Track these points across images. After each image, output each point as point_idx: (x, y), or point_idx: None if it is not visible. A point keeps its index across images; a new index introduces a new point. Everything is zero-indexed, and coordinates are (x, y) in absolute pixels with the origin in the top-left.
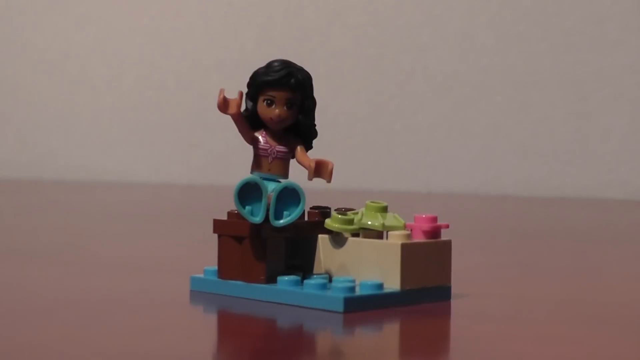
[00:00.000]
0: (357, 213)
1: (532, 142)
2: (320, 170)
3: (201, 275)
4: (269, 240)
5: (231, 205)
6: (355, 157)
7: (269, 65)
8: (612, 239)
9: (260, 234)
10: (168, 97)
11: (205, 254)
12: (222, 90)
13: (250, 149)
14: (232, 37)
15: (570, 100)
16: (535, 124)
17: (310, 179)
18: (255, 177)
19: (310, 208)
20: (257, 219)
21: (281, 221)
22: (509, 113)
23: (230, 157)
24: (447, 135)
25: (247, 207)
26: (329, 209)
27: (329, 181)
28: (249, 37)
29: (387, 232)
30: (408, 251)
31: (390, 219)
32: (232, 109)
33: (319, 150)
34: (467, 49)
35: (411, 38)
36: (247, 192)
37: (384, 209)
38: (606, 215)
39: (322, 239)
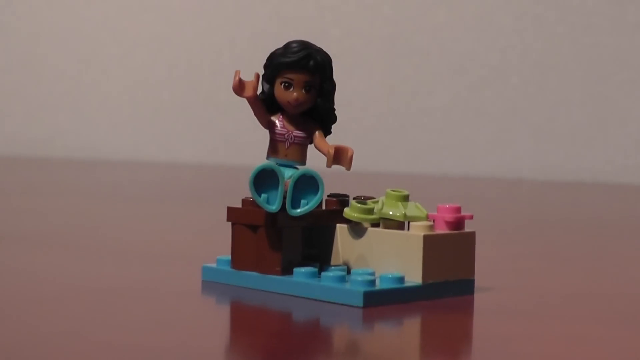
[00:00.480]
0: (377, 202)
1: (549, 125)
2: (339, 156)
3: (213, 265)
4: (285, 229)
5: (243, 187)
6: (369, 139)
7: (287, 46)
8: (631, 226)
9: (276, 223)
10: (179, 75)
11: (217, 240)
12: (237, 72)
13: (262, 129)
14: (244, 14)
15: (589, 83)
16: (553, 106)
17: (329, 165)
18: (271, 163)
19: (328, 196)
20: (274, 207)
21: (298, 210)
22: (526, 95)
23: (242, 137)
24: (462, 117)
25: (263, 195)
26: (348, 197)
27: (348, 168)
28: (262, 15)
29: (408, 222)
30: (430, 243)
31: (412, 209)
32: (249, 91)
33: (332, 131)
34: (484, 29)
35: (427, 18)
36: (263, 179)
37: (405, 198)
38: (624, 201)
39: (341, 229)
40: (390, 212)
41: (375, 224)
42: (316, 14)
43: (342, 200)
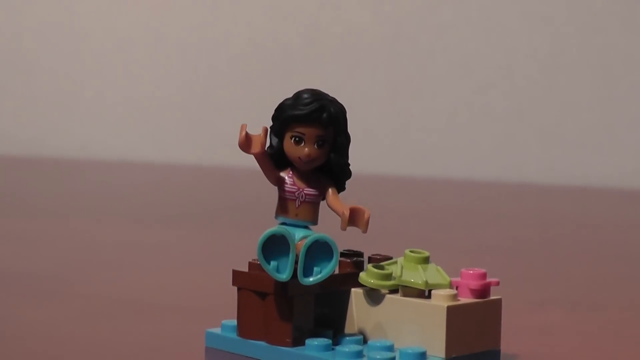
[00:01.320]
0: (394, 262)
1: (556, 128)
2: (355, 218)
3: (218, 330)
4: (297, 298)
5: (244, 195)
6: (370, 140)
7: (298, 97)
8: None
9: (287, 292)
10: (174, 72)
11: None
12: (243, 127)
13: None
14: (242, 10)
15: (598, 85)
16: (560, 109)
17: (343, 228)
18: (281, 228)
19: (341, 254)
20: (284, 276)
21: (311, 279)
22: (533, 97)
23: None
24: (467, 119)
25: (273, 263)
26: (362, 255)
27: (364, 231)
28: (260, 12)
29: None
30: (455, 314)
31: (433, 274)
32: (256, 147)
33: None
34: (490, 29)
35: (431, 16)
36: (273, 245)
37: (425, 260)
38: (635, 208)
39: (356, 294)
40: (412, 280)
41: (393, 289)
42: (316, 10)
43: (356, 262)
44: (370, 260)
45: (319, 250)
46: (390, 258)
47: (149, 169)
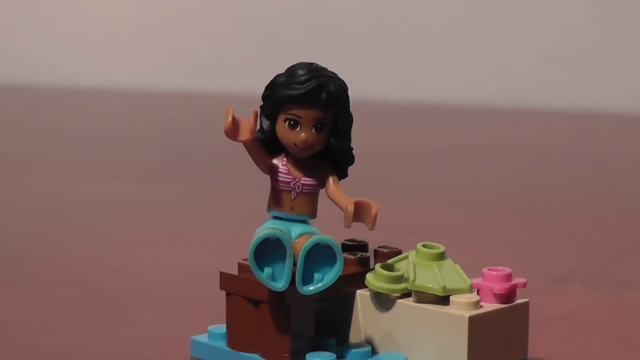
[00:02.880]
0: (405, 257)
1: (554, 49)
2: (360, 213)
3: (204, 337)
4: (295, 307)
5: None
6: (358, 63)
7: (292, 73)
8: None
9: (284, 300)
10: None
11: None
12: (230, 111)
13: (246, 59)
14: None
15: (598, 3)
16: (558, 28)
17: (347, 225)
18: (275, 231)
19: (343, 246)
20: (280, 285)
21: (311, 287)
22: (529, 15)
23: (220, 61)
24: (459, 40)
25: (267, 270)
26: (366, 247)
27: (371, 228)
28: None
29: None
30: (478, 325)
31: (451, 276)
32: (244, 134)
33: (319, 58)
34: None
35: None
36: (266, 250)
37: (441, 256)
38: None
39: (362, 298)
40: (429, 285)
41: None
42: None
43: (362, 260)
44: (376, 255)
45: (320, 253)
46: (399, 252)
47: (124, 96)
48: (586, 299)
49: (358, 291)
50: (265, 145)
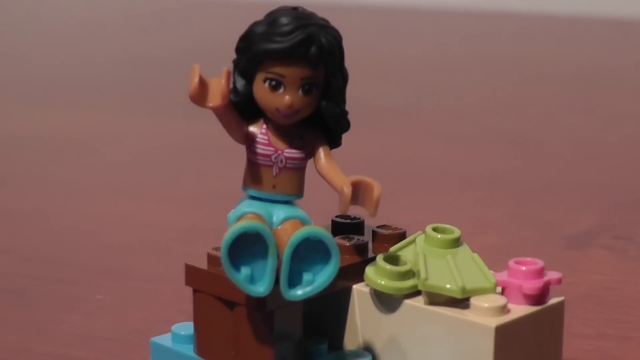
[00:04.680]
0: (412, 242)
1: None
2: (359, 195)
3: (167, 340)
4: (279, 311)
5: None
6: None
7: (274, 22)
8: None
9: (265, 305)
10: None
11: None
12: (196, 70)
13: None
14: None
15: None
16: None
17: (343, 210)
18: (255, 223)
19: (333, 226)
20: (261, 289)
21: (299, 292)
22: None
23: None
24: None
25: (244, 270)
26: (361, 224)
27: (373, 214)
28: None
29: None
30: (506, 335)
31: (470, 270)
32: (215, 99)
33: None
34: None
35: None
36: (243, 245)
37: (455, 243)
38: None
39: (360, 295)
40: (447, 285)
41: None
42: None
43: (358, 247)
44: (375, 237)
45: (310, 248)
46: (403, 234)
47: None
48: (613, 270)
49: (354, 286)
50: (240, 110)
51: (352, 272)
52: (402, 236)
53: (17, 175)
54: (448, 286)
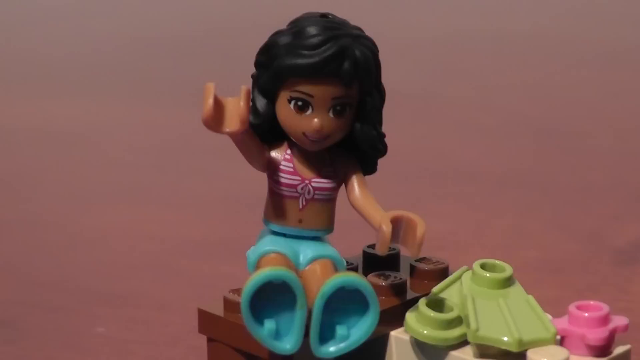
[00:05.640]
0: (457, 280)
1: None
2: (399, 233)
3: None
4: None
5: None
6: None
7: (299, 32)
8: None
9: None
10: None
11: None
12: (210, 90)
13: None
14: None
15: None
16: None
17: (382, 251)
18: (280, 270)
19: (364, 255)
20: (288, 346)
21: (332, 348)
22: None
23: None
24: None
25: (268, 324)
26: (397, 256)
27: (415, 254)
28: None
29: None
30: None
31: (525, 317)
32: (232, 123)
33: None
34: None
35: None
36: (267, 294)
37: (507, 282)
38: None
39: (399, 343)
40: (501, 337)
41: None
42: None
43: (396, 286)
44: (413, 273)
45: (345, 298)
46: (446, 269)
47: None
48: None
49: (392, 333)
50: (261, 133)
51: (390, 317)
52: (444, 272)
53: (1, 178)
54: (505, 339)
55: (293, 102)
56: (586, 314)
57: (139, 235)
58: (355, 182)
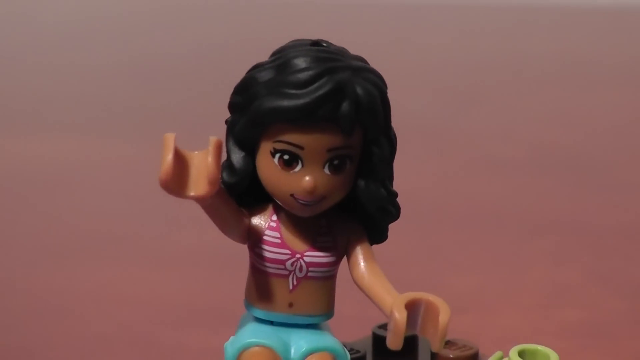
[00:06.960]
0: None
1: None
2: (417, 321)
3: None
4: None
5: None
6: None
7: (285, 64)
8: None
9: None
10: None
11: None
12: (169, 142)
13: None
14: None
15: None
16: None
17: (395, 345)
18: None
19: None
20: None
21: None
22: None
23: None
24: None
25: None
26: (414, 340)
27: (438, 349)
28: None
29: None
30: None
31: None
32: (198, 186)
33: None
34: None
35: None
36: None
37: None
38: None
39: None
40: None
41: None
42: None
43: None
44: None
45: None
46: (475, 354)
47: None
48: None
49: None
50: (238, 195)
51: None
52: (473, 359)
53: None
54: None
55: (278, 155)
56: None
57: (115, 299)
58: (360, 255)
